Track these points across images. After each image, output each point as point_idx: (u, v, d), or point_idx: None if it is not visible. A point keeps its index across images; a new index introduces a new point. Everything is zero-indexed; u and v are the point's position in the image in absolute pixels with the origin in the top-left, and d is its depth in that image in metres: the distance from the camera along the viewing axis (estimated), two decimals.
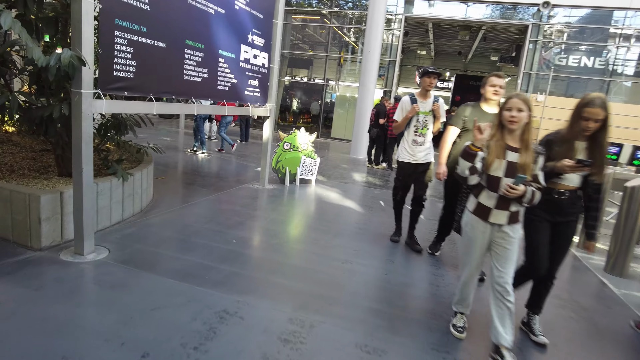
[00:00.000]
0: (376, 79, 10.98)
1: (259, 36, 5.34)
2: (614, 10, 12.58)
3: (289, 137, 6.30)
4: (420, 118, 3.75)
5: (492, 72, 3.28)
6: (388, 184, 7.45)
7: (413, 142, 3.81)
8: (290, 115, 18.47)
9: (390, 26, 14.59)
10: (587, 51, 13.22)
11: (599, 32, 13.14)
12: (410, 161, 3.86)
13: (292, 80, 17.92)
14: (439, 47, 29.76)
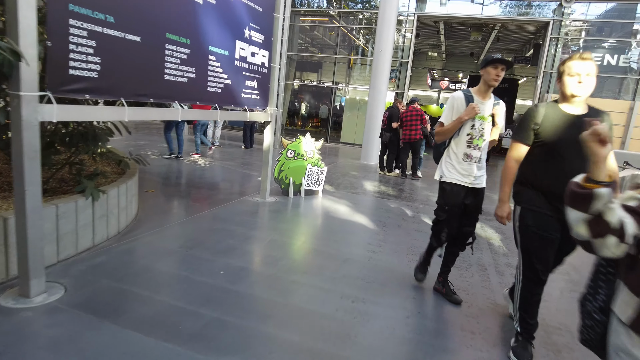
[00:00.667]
0: (388, 81, 10.33)
1: (258, 32, 4.74)
2: (638, 4, 11.77)
3: (292, 144, 5.69)
4: (477, 124, 2.77)
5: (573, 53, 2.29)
6: (402, 193, 6.78)
7: (465, 157, 2.80)
8: (299, 119, 17.93)
9: (401, 26, 13.93)
10: (611, 48, 12.40)
11: (621, 27, 12.31)
12: (462, 182, 2.81)
13: (301, 84, 17.36)
14: (451, 49, 29.08)
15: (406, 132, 8.17)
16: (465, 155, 2.81)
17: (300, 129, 17.52)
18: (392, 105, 8.53)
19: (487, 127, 2.83)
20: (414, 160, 8.46)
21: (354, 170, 8.96)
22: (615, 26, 12.27)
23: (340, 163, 9.86)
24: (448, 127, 2.80)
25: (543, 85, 12.58)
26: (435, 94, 34.15)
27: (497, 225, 5.28)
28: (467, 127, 2.79)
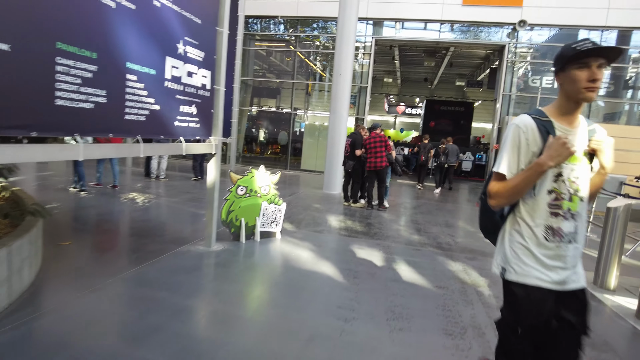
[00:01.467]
0: (348, 105, 9.79)
1: (196, 47, 3.95)
2: (589, 30, 12.12)
3: (244, 179, 4.83)
4: (566, 172, 1.58)
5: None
6: (371, 229, 6.05)
7: (550, 233, 1.59)
8: (257, 146, 17.11)
9: (359, 50, 13.64)
10: None
11: None
12: (545, 285, 1.59)
13: (259, 110, 16.64)
14: (405, 75, 29.67)
15: (371, 160, 7.54)
16: (549, 229, 1.59)
17: (259, 155, 16.71)
18: (355, 132, 7.92)
19: (583, 175, 1.63)
20: (380, 190, 7.82)
21: (316, 202, 8.18)
22: None
23: (301, 194, 9.06)
24: (515, 182, 1.57)
25: (502, 107, 12.56)
26: (392, 119, 34.58)
27: (482, 265, 4.64)
28: (548, 179, 1.58)
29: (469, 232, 6.50)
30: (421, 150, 12.25)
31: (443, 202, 9.64)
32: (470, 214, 8.57)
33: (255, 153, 16.82)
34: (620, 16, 11.62)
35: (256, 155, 16.57)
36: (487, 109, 31.60)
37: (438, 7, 12.46)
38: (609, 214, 4.28)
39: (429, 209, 8.51)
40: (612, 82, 12.43)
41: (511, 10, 11.98)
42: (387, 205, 8.06)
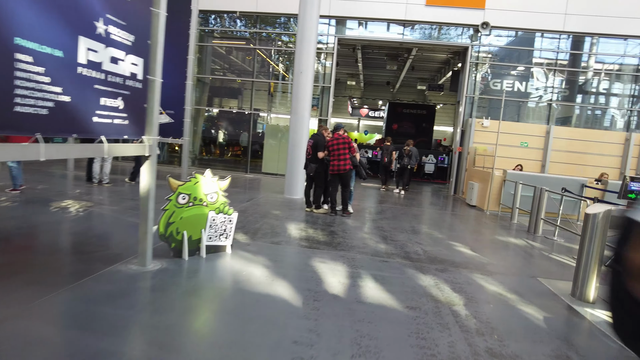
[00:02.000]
0: (310, 105, 9.27)
1: (124, 29, 3.28)
2: (548, 34, 12.28)
3: (185, 185, 4.18)
4: None
5: None
6: (334, 238, 5.54)
7: None
8: (216, 147, 16.24)
9: (322, 49, 13.19)
10: (521, 75, 12.76)
11: (529, 54, 12.79)
12: None
13: (218, 110, 15.81)
14: (368, 78, 29.73)
15: (334, 163, 7.05)
16: None
17: (219, 157, 15.87)
18: (317, 133, 7.41)
19: None
20: (344, 195, 7.35)
21: (276, 208, 7.58)
22: (528, 53, 12.68)
23: (261, 199, 8.43)
24: None
25: (465, 110, 12.48)
26: (355, 122, 34.51)
27: (454, 278, 4.23)
28: None
29: (436, 239, 6.13)
30: (384, 152, 12.38)
31: (408, 206, 9.31)
32: (436, 218, 8.26)
33: (214, 155, 15.97)
34: (576, 22, 11.83)
35: (215, 158, 15.72)
36: (447, 113, 32.22)
37: (401, 7, 12.22)
38: (588, 220, 3.98)
39: (395, 213, 8.13)
40: (566, 87, 12.66)
41: (474, 12, 11.93)
42: (351, 210, 7.60)
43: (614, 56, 12.34)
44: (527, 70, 12.72)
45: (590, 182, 9.24)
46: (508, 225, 8.06)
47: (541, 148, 11.89)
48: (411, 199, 10.78)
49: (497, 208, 9.45)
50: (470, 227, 7.67)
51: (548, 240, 6.85)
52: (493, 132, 11.76)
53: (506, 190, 9.33)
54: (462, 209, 9.84)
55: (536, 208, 7.37)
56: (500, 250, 5.89)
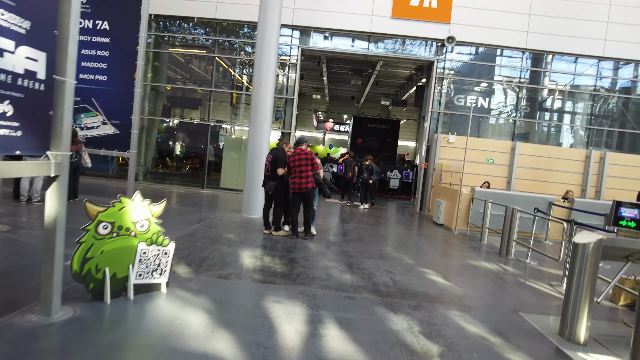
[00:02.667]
0: (271, 116, 8.63)
1: (10, 10, 2.51)
2: (511, 51, 12.34)
3: (108, 212, 3.40)
4: None
5: None
6: (294, 268, 4.86)
7: None
8: (172, 161, 15.20)
9: (285, 60, 12.64)
10: (485, 91, 12.75)
11: (493, 70, 12.83)
12: None
13: (174, 121, 14.83)
14: (333, 92, 29.66)
15: (295, 180, 6.41)
16: None
17: (176, 172, 14.84)
18: (277, 147, 6.75)
19: None
20: (307, 215, 6.70)
21: (231, 230, 6.82)
22: (494, 69, 12.69)
23: (215, 219, 7.62)
24: None
25: (431, 125, 12.24)
26: (321, 135, 34.20)
27: (429, 318, 3.65)
28: None
29: (406, 265, 5.59)
30: (347, 167, 12.35)
31: (374, 225, 8.78)
32: (404, 239, 7.76)
33: (171, 169, 14.91)
34: (538, 40, 11.96)
35: (170, 172, 14.68)
36: (410, 128, 32.59)
37: (367, 19, 11.92)
38: (577, 251, 3.54)
39: (360, 234, 7.56)
40: (529, 104, 12.75)
41: (440, 26, 11.79)
42: (314, 232, 6.95)
43: (574, 75, 12.55)
44: (491, 86, 12.71)
45: (558, 200, 9.09)
46: (478, 247, 7.68)
47: (507, 164, 11.80)
48: (377, 217, 10.29)
49: (466, 227, 9.11)
50: (440, 249, 7.21)
51: (521, 264, 6.48)
52: (459, 148, 11.56)
53: (474, 208, 9.02)
54: (429, 228, 9.43)
55: (508, 229, 7.02)
56: (474, 278, 5.41)
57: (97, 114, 8.87)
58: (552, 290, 5.12)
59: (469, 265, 6.09)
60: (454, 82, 12.54)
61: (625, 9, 11.80)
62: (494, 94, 12.76)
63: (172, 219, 7.28)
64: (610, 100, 12.79)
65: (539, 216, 7.04)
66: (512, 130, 12.56)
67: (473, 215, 9.03)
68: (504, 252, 7.05)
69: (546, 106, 13.09)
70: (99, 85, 8.83)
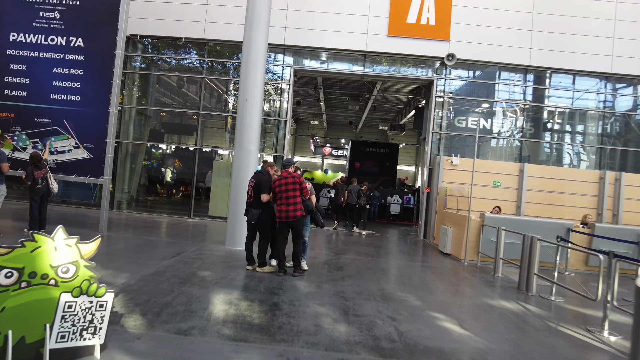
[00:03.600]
0: (259, 137, 7.87)
1: None
2: (514, 68, 11.76)
3: (13, 254, 2.54)
4: None
5: None
6: (275, 318, 3.94)
7: None
8: (160, 188, 14.39)
9: (277, 81, 12.04)
10: (488, 111, 12.09)
11: (496, 89, 12.22)
12: None
13: (161, 145, 14.12)
14: (331, 118, 29.32)
15: (282, 208, 5.56)
16: None
17: (163, 199, 14.01)
18: (261, 170, 5.94)
19: None
20: (296, 248, 5.81)
21: (208, 266, 5.91)
22: (497, 88, 12.07)
23: (193, 253, 6.72)
24: None
25: (433, 147, 11.50)
26: (319, 160, 33.59)
27: None
28: None
29: (413, 309, 4.67)
30: (339, 191, 12.04)
31: (374, 257, 7.87)
32: (408, 273, 6.83)
33: (157, 196, 14.07)
34: (540, 57, 11.40)
35: (157, 200, 13.83)
36: (409, 152, 32.03)
37: (362, 38, 11.39)
38: None
39: (358, 268, 6.65)
40: (535, 123, 12.08)
41: (439, 44, 11.25)
42: (305, 267, 6.06)
43: (583, 92, 11.93)
44: (494, 106, 12.06)
45: (576, 226, 8.23)
46: (493, 281, 6.76)
47: (515, 187, 10.98)
48: (377, 247, 9.38)
49: (476, 257, 8.21)
50: (450, 285, 6.29)
51: (545, 302, 5.56)
52: (463, 170, 10.79)
53: (485, 236, 8.14)
54: (435, 259, 8.51)
55: (527, 261, 6.13)
56: (495, 323, 4.49)
57: (68, 137, 8.11)
58: (593, 339, 4.20)
59: (486, 305, 5.16)
60: (455, 102, 11.90)
61: (630, 24, 11.30)
62: (498, 114, 12.10)
63: (143, 254, 6.39)
64: (621, 119, 12.12)
65: (565, 246, 6.16)
66: (519, 151, 11.82)
67: (484, 243, 8.14)
68: (523, 287, 6.14)
69: (554, 126, 12.41)
70: (71, 106, 8.11)
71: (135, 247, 6.97)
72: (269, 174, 5.78)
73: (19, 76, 8.20)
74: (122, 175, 12.43)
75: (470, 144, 12.03)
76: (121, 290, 4.35)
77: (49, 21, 8.17)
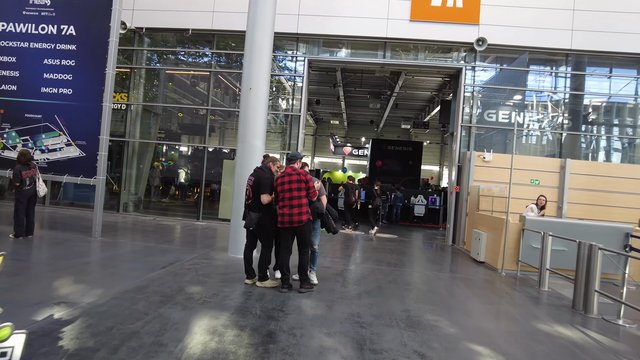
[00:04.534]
0: (264, 130, 7.00)
1: None
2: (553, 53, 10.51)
3: None
4: None
5: None
6: (267, 357, 3.04)
7: None
8: (177, 189, 13.76)
9: (290, 73, 11.20)
10: (522, 101, 10.87)
11: (533, 76, 10.99)
12: None
13: (170, 144, 13.49)
14: (352, 117, 28.34)
15: (284, 211, 4.65)
16: None
17: (181, 199, 13.37)
18: (261, 166, 5.05)
19: None
20: (302, 259, 4.87)
21: (201, 279, 5.07)
22: (529, 77, 10.86)
23: (189, 262, 5.91)
24: None
25: (463, 142, 10.38)
26: (340, 161, 32.63)
27: None
28: None
29: (447, 338, 3.67)
30: (349, 190, 11.67)
31: (397, 267, 6.87)
32: (437, 288, 5.79)
33: (166, 198, 13.39)
34: (583, 39, 10.11)
35: (169, 202, 13.18)
36: (433, 151, 30.69)
37: (382, 23, 10.39)
38: None
39: (379, 281, 5.67)
40: (575, 115, 10.78)
41: (467, 28, 10.14)
42: (314, 281, 5.14)
43: (634, 78, 10.55)
44: (530, 96, 10.83)
45: (636, 230, 7.00)
46: (539, 297, 5.67)
47: (555, 186, 9.75)
48: (400, 253, 8.37)
49: (515, 266, 7.10)
50: (490, 303, 5.23)
51: (613, 328, 4.46)
52: (497, 167, 9.65)
53: (526, 242, 7.03)
54: (467, 268, 7.44)
55: (583, 274, 5.02)
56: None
57: (60, 134, 7.45)
58: None
59: (538, 333, 4.10)
60: (485, 92, 10.74)
61: None
62: (533, 105, 10.87)
63: (130, 264, 5.61)
64: None
65: (630, 256, 5.01)
66: (559, 145, 10.55)
67: (524, 250, 7.03)
68: (579, 306, 5.04)
69: (598, 118, 11.08)
70: (63, 100, 7.45)
71: (125, 255, 6.22)
72: (271, 171, 4.89)
73: (8, 69, 7.60)
74: (128, 176, 11.83)
75: (499, 140, 10.87)
76: (83, 313, 3.53)
77: (40, 9, 7.54)
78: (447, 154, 30.18)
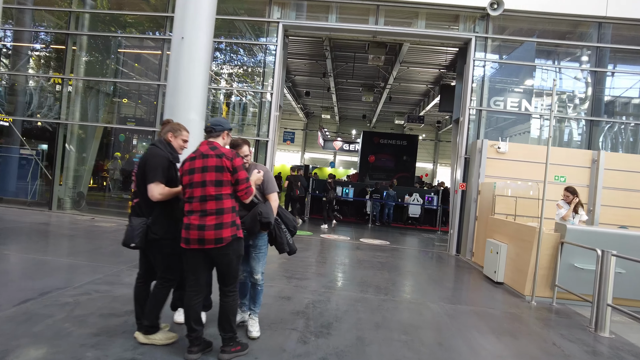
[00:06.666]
0: (205, 98, 4.95)
1: None
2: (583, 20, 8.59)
3: None
4: None
5: None
6: None
7: None
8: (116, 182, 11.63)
9: (261, 43, 9.18)
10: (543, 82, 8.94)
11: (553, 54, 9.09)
12: None
13: (121, 127, 11.37)
14: (343, 111, 26.49)
15: (192, 218, 2.62)
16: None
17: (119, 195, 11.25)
18: (155, 141, 2.99)
19: None
20: (226, 303, 2.83)
21: (59, 328, 3.07)
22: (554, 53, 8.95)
23: (72, 290, 3.88)
24: None
25: (472, 127, 8.42)
26: (331, 157, 30.69)
27: None
28: None
29: None
30: (292, 184, 10.69)
31: (389, 294, 4.88)
32: (452, 331, 3.80)
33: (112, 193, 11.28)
34: (622, 5, 8.22)
35: (115, 197, 11.10)
36: (427, 148, 28.88)
37: None
38: None
39: (359, 324, 3.68)
40: (608, 99, 8.88)
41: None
42: (254, 334, 3.14)
43: None
44: (554, 74, 8.91)
45: None
46: (593, 345, 3.72)
47: (585, 184, 7.84)
48: (394, 269, 6.40)
49: (549, 293, 5.19)
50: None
51: None
52: (513, 160, 7.75)
53: (565, 260, 5.10)
54: (484, 294, 5.49)
55: None
56: None
57: None
58: None
59: None
60: (499, 69, 8.80)
61: None
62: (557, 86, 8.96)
63: None
64: None
65: None
66: (588, 135, 8.64)
67: (563, 271, 5.10)
68: None
69: None
70: None
71: None
72: (169, 148, 2.86)
73: None
74: (66, 168, 9.72)
75: (511, 126, 8.97)
76: None
77: None
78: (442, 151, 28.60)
